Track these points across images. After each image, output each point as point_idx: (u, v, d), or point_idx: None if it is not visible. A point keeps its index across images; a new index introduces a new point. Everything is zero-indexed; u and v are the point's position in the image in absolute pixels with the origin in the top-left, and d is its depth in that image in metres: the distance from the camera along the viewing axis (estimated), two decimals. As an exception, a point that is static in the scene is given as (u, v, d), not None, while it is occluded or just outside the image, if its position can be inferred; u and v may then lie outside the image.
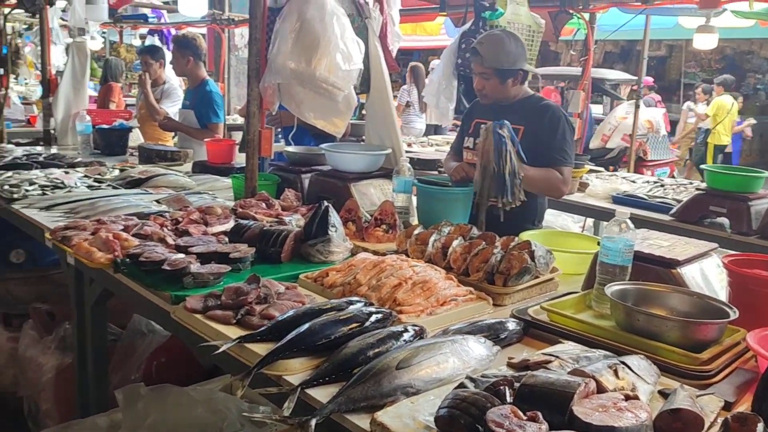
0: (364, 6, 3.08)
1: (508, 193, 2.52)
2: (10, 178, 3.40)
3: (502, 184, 2.51)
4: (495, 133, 2.51)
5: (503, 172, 2.50)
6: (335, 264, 2.20)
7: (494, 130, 2.51)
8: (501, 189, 2.51)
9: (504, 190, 2.51)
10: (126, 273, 2.09)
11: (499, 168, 2.50)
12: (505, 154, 2.50)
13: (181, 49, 4.61)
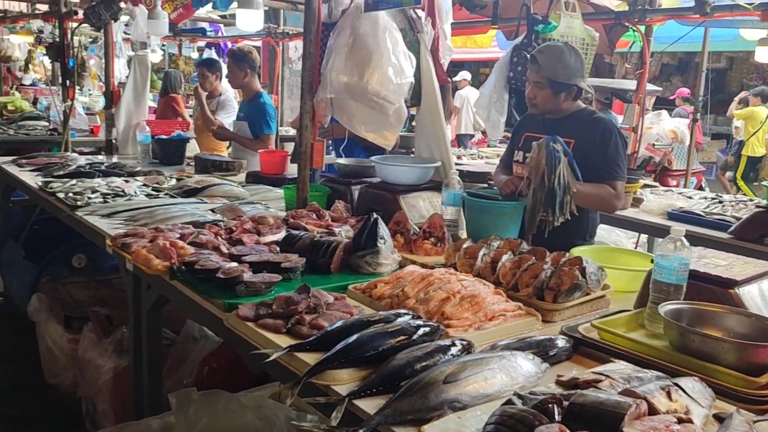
0: (417, 21, 3.10)
1: (558, 207, 2.50)
2: (75, 186, 3.55)
3: (552, 199, 2.49)
4: (548, 147, 2.50)
5: (554, 187, 2.48)
6: (383, 276, 2.22)
7: (547, 144, 2.50)
8: (551, 203, 2.50)
9: (554, 204, 2.50)
10: (181, 280, 2.16)
11: (550, 182, 2.49)
12: (557, 168, 2.48)
13: (238, 63, 4.74)
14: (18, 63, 11.33)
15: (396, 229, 2.57)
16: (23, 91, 9.98)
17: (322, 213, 2.89)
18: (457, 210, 2.81)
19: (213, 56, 9.12)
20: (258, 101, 4.87)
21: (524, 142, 2.95)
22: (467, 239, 2.37)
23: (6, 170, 4.30)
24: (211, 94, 5.53)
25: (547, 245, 2.31)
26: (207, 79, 5.44)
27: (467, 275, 2.07)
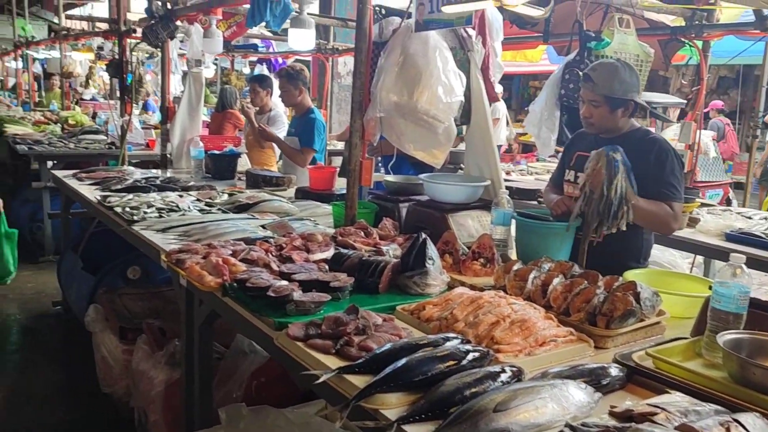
0: (467, 39, 3.10)
1: (612, 217, 2.45)
2: (131, 200, 3.66)
3: (608, 209, 2.45)
4: (607, 156, 2.46)
5: (611, 197, 2.44)
6: (432, 297, 2.21)
7: (607, 154, 2.46)
8: (606, 214, 2.45)
9: (609, 215, 2.45)
10: (233, 297, 2.20)
11: (608, 193, 2.44)
12: (615, 178, 2.44)
13: (292, 81, 4.83)
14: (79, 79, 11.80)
15: (444, 249, 2.56)
16: (83, 105, 10.38)
17: (370, 231, 2.91)
18: (506, 230, 2.78)
19: (264, 71, 9.30)
20: (308, 116, 4.94)
21: (575, 162, 2.91)
22: (517, 261, 2.35)
23: (67, 184, 4.46)
24: (262, 109, 5.64)
25: (600, 267, 2.27)
26: (258, 95, 5.56)
27: (517, 298, 2.05)
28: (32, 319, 5.02)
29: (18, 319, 5.02)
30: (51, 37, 11.75)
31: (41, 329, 4.85)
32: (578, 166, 2.82)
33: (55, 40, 9.88)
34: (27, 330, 4.83)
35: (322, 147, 5.04)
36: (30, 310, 5.19)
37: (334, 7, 7.98)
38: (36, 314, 5.11)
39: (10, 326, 4.88)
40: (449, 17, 2.65)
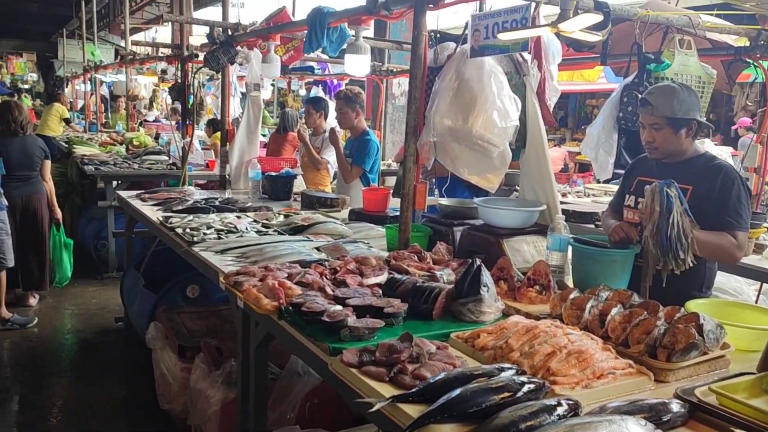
0: (523, 64, 3.09)
1: (674, 256, 2.39)
2: (191, 221, 3.76)
3: (668, 248, 2.38)
4: (662, 192, 2.40)
5: (669, 235, 2.38)
6: (486, 324, 2.20)
7: (661, 190, 2.40)
8: (666, 252, 2.39)
9: (670, 253, 2.39)
10: (289, 321, 2.23)
11: (666, 230, 2.38)
12: (672, 215, 2.38)
13: (350, 104, 4.91)
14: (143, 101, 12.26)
15: (499, 276, 2.54)
16: (147, 127, 10.77)
17: (423, 255, 2.91)
18: (563, 255, 2.74)
19: (320, 93, 9.46)
20: (364, 138, 5.01)
21: (636, 186, 2.84)
22: (574, 289, 2.31)
23: (131, 204, 4.63)
24: (316, 131, 5.75)
25: (661, 297, 2.21)
26: (311, 117, 5.68)
27: (574, 328, 2.01)
28: (95, 334, 5.21)
29: (82, 334, 5.21)
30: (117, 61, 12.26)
31: (104, 344, 5.02)
32: (639, 192, 2.75)
33: (121, 64, 10.30)
34: (90, 344, 5.01)
35: (376, 168, 5.09)
36: (94, 325, 5.39)
37: (389, 30, 8.07)
38: (99, 329, 5.30)
39: (74, 340, 5.08)
40: (505, 43, 2.66)
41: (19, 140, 5.43)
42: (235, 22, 5.22)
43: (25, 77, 25.16)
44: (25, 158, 5.41)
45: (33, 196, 5.48)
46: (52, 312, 5.65)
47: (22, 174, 5.42)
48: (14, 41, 26.98)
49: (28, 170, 5.46)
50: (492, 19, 2.71)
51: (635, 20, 3.36)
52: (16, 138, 5.43)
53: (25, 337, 5.07)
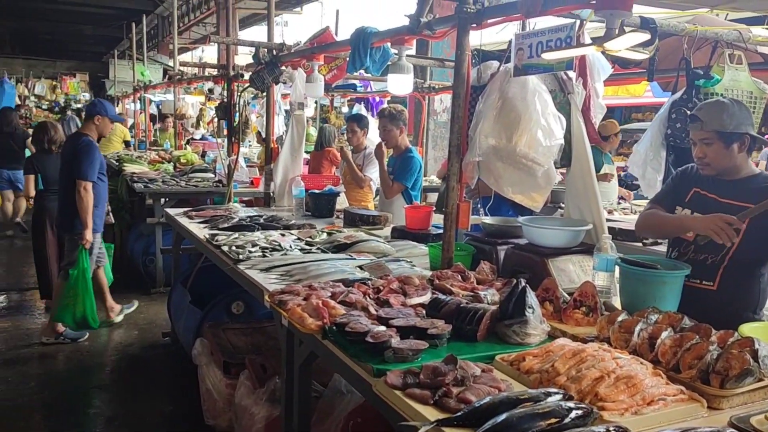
0: (567, 82, 3.07)
1: None
2: (237, 239, 3.83)
3: None
4: None
5: None
6: (531, 347, 2.17)
7: None
8: None
9: None
10: (332, 340, 2.24)
11: None
12: None
13: (394, 121, 4.95)
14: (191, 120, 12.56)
15: (545, 296, 2.50)
16: (194, 145, 11.01)
17: (467, 275, 2.89)
18: (609, 276, 2.70)
19: (362, 110, 9.56)
20: (407, 155, 5.03)
21: (692, 199, 2.76)
22: (622, 311, 2.26)
23: (178, 221, 4.74)
24: (357, 148, 5.82)
25: (713, 318, 2.16)
26: (355, 134, 5.75)
27: (622, 352, 1.97)
28: (143, 349, 5.32)
29: (130, 348, 5.33)
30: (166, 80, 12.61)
31: (151, 358, 5.12)
32: (696, 206, 2.69)
33: (169, 84, 10.59)
34: (138, 359, 5.11)
35: (418, 186, 5.09)
36: (141, 340, 5.51)
37: (430, 48, 8.10)
38: (146, 344, 5.41)
39: (123, 355, 5.19)
40: (549, 62, 2.64)
41: (54, 157, 5.78)
42: (279, 43, 5.33)
43: (78, 97, 26.05)
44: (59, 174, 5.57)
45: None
46: (102, 327, 5.79)
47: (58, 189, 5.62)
48: (68, 62, 28.06)
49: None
50: (536, 38, 2.70)
51: (683, 35, 3.31)
52: (52, 155, 5.85)
53: (76, 350, 5.21)
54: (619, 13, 2.28)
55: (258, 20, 20.23)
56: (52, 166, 5.78)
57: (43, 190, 5.89)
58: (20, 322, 5.85)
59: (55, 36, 29.53)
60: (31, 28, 27.99)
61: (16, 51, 28.18)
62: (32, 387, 4.49)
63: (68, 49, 31.08)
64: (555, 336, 2.29)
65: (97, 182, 5.18)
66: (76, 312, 5.14)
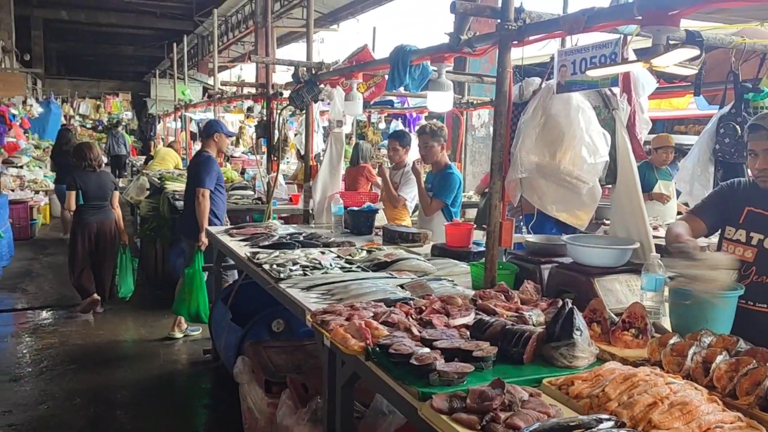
0: (612, 98, 3.02)
1: None
2: (278, 257, 3.85)
3: None
4: None
5: None
6: (579, 370, 2.12)
7: None
8: None
9: None
10: (376, 362, 2.22)
11: None
12: None
13: (435, 138, 4.94)
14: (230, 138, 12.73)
15: (592, 318, 2.45)
16: (233, 162, 11.17)
17: (511, 294, 2.85)
18: (658, 295, 2.62)
19: (399, 126, 9.58)
20: (446, 171, 5.01)
21: (747, 218, 2.67)
22: (674, 334, 2.19)
23: (220, 239, 4.79)
24: (397, 165, 5.79)
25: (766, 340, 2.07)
26: (397, 152, 5.74)
27: (676, 377, 1.91)
28: (184, 365, 5.38)
29: (171, 365, 5.40)
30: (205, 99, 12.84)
31: (191, 375, 5.18)
32: (752, 226, 2.60)
33: (209, 103, 10.79)
34: (179, 375, 5.18)
35: (458, 202, 5.06)
36: (182, 356, 5.58)
37: (468, 63, 8.10)
38: (187, 360, 5.48)
39: (163, 371, 5.26)
40: (593, 79, 2.60)
41: (95, 175, 6.51)
42: (318, 62, 5.38)
43: (121, 116, 26.73)
44: (99, 190, 6.47)
45: (105, 222, 6.54)
46: (144, 343, 5.89)
47: (97, 203, 6.48)
48: (111, 82, 28.88)
49: (101, 200, 6.51)
50: (579, 54, 2.66)
51: (730, 48, 3.23)
52: (93, 173, 6.51)
53: (118, 366, 5.30)
54: (666, 29, 2.23)
55: (295, 38, 20.58)
56: (93, 183, 6.44)
57: (83, 205, 6.43)
58: (66, 338, 5.98)
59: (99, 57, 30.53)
60: (76, 50, 28.99)
61: (62, 72, 29.15)
62: (77, 403, 4.57)
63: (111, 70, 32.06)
64: (603, 359, 2.24)
65: (214, 192, 5.73)
66: (190, 307, 5.60)
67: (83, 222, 6.46)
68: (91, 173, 6.50)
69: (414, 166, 5.14)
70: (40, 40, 22.76)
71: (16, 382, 4.93)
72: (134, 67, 32.62)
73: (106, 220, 6.53)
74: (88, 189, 6.43)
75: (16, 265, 8.82)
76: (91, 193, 6.43)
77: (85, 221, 6.45)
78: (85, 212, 6.45)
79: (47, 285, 7.98)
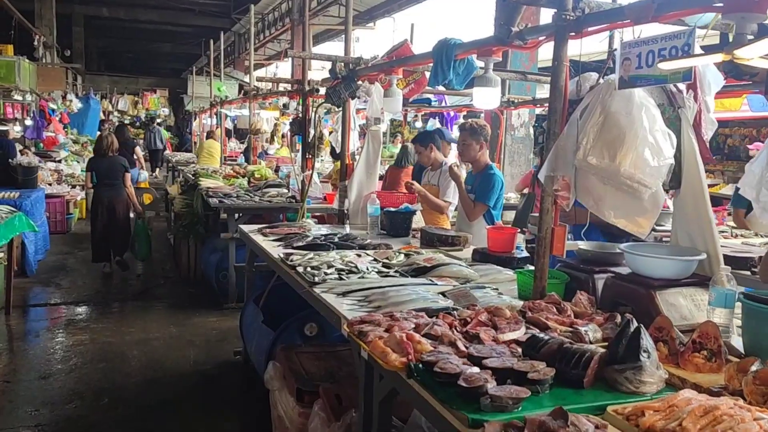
0: (677, 95, 2.77)
1: None
2: (312, 259, 3.68)
3: None
4: None
5: None
6: (647, 397, 1.90)
7: None
8: None
9: None
10: (419, 381, 2.03)
11: None
12: None
13: (475, 136, 4.74)
14: (265, 135, 12.67)
15: (658, 336, 2.21)
16: (268, 159, 11.07)
17: (563, 306, 2.63)
18: (729, 312, 2.39)
19: (437, 125, 9.35)
20: (487, 172, 4.81)
21: None
22: (754, 359, 1.95)
23: (252, 239, 4.65)
24: (433, 165, 5.57)
25: None
26: (422, 154, 5.55)
27: (763, 410, 1.68)
28: (214, 367, 5.26)
29: (201, 365, 5.28)
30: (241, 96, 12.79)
31: (222, 377, 5.04)
32: None
33: (245, 99, 10.70)
34: (209, 377, 5.05)
35: (500, 205, 4.85)
36: (213, 357, 5.45)
37: (509, 60, 7.85)
38: (217, 362, 5.35)
39: (194, 371, 5.14)
40: (662, 74, 2.36)
41: (107, 160, 8.09)
42: (356, 57, 5.20)
43: (158, 112, 27.00)
44: (109, 172, 8.07)
45: (114, 198, 8.08)
46: (175, 342, 5.79)
47: (108, 182, 8.07)
48: (149, 79, 29.20)
49: (112, 180, 8.06)
50: (646, 46, 2.42)
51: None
52: (105, 158, 8.10)
53: (147, 365, 5.20)
54: (752, 16, 1.99)
55: (331, 36, 20.48)
56: (104, 166, 8.08)
57: (96, 184, 8.16)
58: (97, 335, 5.92)
59: (137, 54, 30.92)
60: (115, 47, 29.40)
61: (102, 68, 29.60)
62: (105, 404, 4.47)
63: (149, 66, 32.46)
64: (673, 384, 2.01)
65: None
66: None
67: (97, 197, 8.18)
68: (104, 158, 8.08)
69: (452, 170, 4.92)
70: (80, 36, 23.13)
71: (45, 379, 4.87)
72: (172, 64, 32.97)
73: (115, 197, 8.06)
74: (100, 171, 8.06)
75: (51, 259, 8.85)
76: (102, 174, 8.04)
77: (99, 197, 8.14)
78: (99, 190, 8.14)
79: (81, 280, 7.96)
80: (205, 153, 11.36)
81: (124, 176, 8.11)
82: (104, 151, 8.07)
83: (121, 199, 8.10)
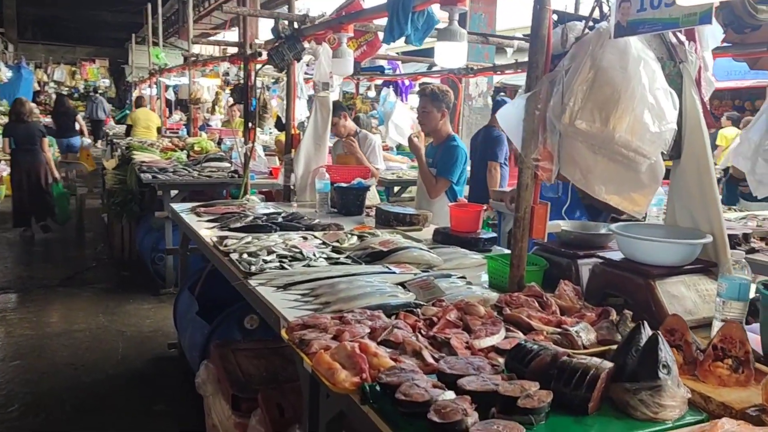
0: (678, 47, 2.34)
1: None
2: (250, 244, 3.17)
3: None
4: None
5: None
6: (668, 425, 1.48)
7: None
8: None
9: None
10: (375, 409, 1.57)
11: None
12: None
13: (436, 102, 4.28)
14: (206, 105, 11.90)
15: (669, 341, 1.79)
16: (209, 131, 10.37)
17: (547, 300, 2.20)
18: (743, 306, 1.99)
19: (391, 94, 8.84)
20: (449, 143, 4.37)
21: None
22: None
23: (184, 219, 4.09)
24: (340, 135, 5.45)
25: None
26: (337, 125, 5.27)
27: (829, 449, 1.27)
28: (147, 362, 4.70)
29: (131, 361, 4.71)
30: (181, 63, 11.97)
31: (155, 375, 4.49)
32: None
33: (185, 67, 9.96)
34: (139, 374, 4.49)
35: (463, 180, 4.41)
36: (145, 351, 4.89)
37: (468, 25, 7.37)
38: (151, 356, 4.79)
39: (123, 369, 4.57)
40: (672, 16, 1.91)
41: (23, 126, 8.30)
42: (302, 14, 4.64)
43: (98, 83, 25.65)
44: (28, 137, 8.27)
45: (34, 163, 8.31)
46: (102, 333, 5.20)
47: (26, 147, 8.29)
48: (88, 48, 27.67)
49: (30, 145, 8.27)
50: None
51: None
52: (22, 124, 8.32)
53: (70, 364, 4.60)
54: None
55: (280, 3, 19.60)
56: (21, 132, 8.28)
57: (15, 149, 8.33)
58: (13, 327, 5.28)
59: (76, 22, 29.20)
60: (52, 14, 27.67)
61: (37, 36, 27.88)
62: (15, 411, 3.89)
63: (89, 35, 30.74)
64: (694, 403, 1.59)
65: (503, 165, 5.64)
66: None
67: (16, 163, 8.38)
68: (21, 124, 8.28)
69: (411, 141, 4.47)
70: (12, 2, 21.58)
71: (-54, 382, 4.25)
72: (115, 33, 31.29)
73: (35, 162, 8.28)
74: (18, 136, 8.23)
75: (-31, 241, 8.08)
76: (20, 139, 8.23)
77: (18, 162, 8.35)
78: (17, 154, 8.33)
79: (1, 264, 7.23)
80: (142, 125, 10.58)
81: (41, 141, 8.33)
82: (25, 117, 8.29)
83: (39, 164, 8.30)
